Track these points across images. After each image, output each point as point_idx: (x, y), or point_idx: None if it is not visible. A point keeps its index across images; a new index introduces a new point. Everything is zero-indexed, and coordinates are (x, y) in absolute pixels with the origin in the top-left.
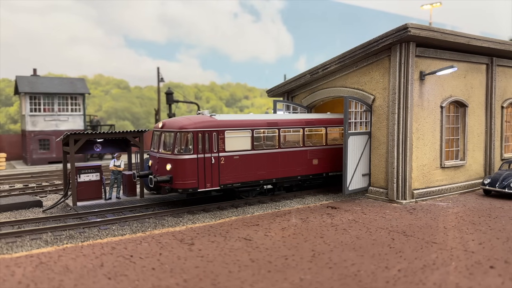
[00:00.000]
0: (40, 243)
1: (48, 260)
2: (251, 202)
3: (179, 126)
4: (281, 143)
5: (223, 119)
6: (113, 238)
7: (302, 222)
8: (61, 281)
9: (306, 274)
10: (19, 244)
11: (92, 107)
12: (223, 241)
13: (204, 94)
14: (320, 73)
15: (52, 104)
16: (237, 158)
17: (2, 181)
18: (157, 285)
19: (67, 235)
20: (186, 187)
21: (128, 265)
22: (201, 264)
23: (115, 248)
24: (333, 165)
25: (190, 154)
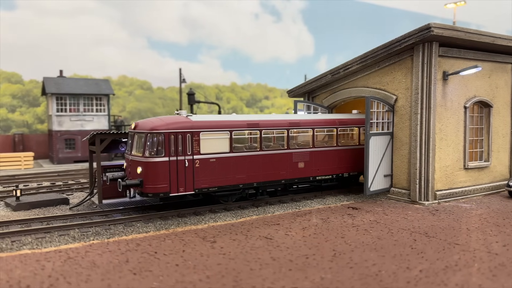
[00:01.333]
0: (68, 239)
1: (75, 256)
2: (272, 201)
3: (150, 127)
4: (263, 145)
5: (198, 120)
6: (138, 235)
7: (323, 222)
8: (89, 275)
9: (327, 273)
10: (48, 239)
11: (116, 107)
12: (244, 239)
13: (224, 95)
14: (341, 73)
15: (77, 104)
16: (214, 161)
17: (30, 179)
18: (181, 280)
19: (93, 231)
20: (156, 192)
21: (153, 261)
22: (223, 261)
23: (140, 244)
24: (322, 168)
25: (161, 156)
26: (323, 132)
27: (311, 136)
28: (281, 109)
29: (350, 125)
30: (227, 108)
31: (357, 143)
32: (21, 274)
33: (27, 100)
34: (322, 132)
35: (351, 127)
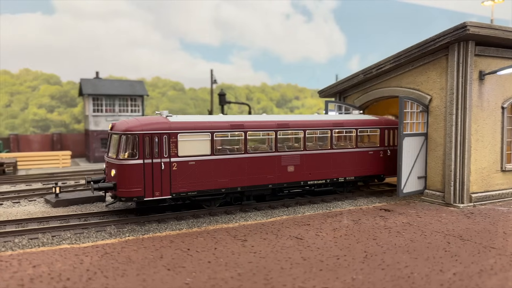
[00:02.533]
0: (104, 235)
1: (112, 251)
2: (302, 202)
3: (124, 128)
4: (248, 147)
5: (177, 121)
6: (171, 232)
7: (354, 224)
8: (125, 270)
9: (358, 274)
10: (86, 235)
11: (149, 108)
12: (275, 239)
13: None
14: (374, 73)
15: (113, 105)
16: (193, 164)
17: (68, 177)
18: (213, 277)
19: (128, 228)
20: (130, 196)
21: (186, 258)
22: (254, 259)
23: (173, 241)
24: (315, 173)
25: (135, 159)
26: (316, 134)
27: (302, 139)
28: (312, 109)
29: (346, 127)
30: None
31: (355, 146)
32: (61, 268)
33: (64, 101)
34: (314, 134)
35: (348, 129)
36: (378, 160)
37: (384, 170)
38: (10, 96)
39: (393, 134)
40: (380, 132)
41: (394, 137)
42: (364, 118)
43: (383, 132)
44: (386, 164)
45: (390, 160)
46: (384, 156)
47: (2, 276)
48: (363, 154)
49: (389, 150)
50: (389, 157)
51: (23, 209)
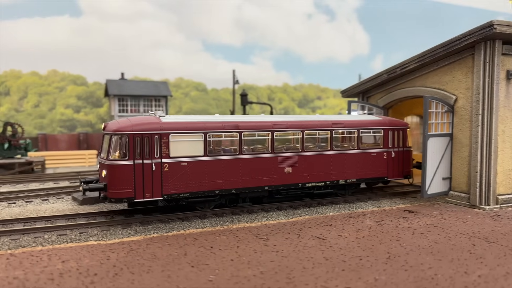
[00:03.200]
0: (130, 232)
1: (137, 248)
2: (324, 202)
3: (114, 129)
4: (243, 148)
5: (169, 121)
6: (195, 230)
7: (377, 225)
8: (150, 267)
9: (381, 275)
10: (112, 232)
11: (173, 108)
12: (297, 238)
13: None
14: (398, 73)
15: (138, 105)
16: (185, 165)
17: (94, 176)
18: (236, 275)
19: (153, 226)
20: (120, 197)
21: (209, 255)
22: (276, 258)
23: (197, 239)
24: (313, 175)
25: (125, 159)
26: (314, 135)
27: (300, 140)
28: (334, 109)
29: (347, 128)
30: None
31: (356, 147)
32: (89, 263)
33: (91, 101)
34: (313, 135)
35: (349, 130)
36: (381, 162)
37: (387, 172)
38: (39, 96)
39: (398, 135)
40: (384, 133)
41: (398, 138)
42: (367, 118)
43: (387, 133)
44: (390, 167)
45: (394, 162)
46: (388, 158)
47: (33, 270)
48: (365, 155)
49: (393, 152)
50: (393, 159)
51: (52, 206)
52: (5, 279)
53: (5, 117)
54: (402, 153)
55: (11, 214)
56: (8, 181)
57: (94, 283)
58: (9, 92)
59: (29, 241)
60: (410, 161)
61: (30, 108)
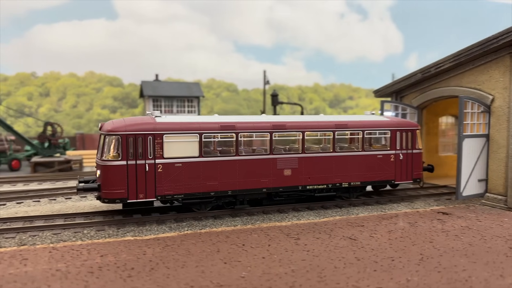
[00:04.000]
0: (165, 229)
1: (172, 244)
2: (356, 203)
3: (108, 129)
4: (239, 149)
5: (163, 121)
6: (227, 228)
7: (410, 226)
8: (184, 262)
9: (413, 276)
10: (148, 228)
11: (205, 108)
12: (328, 238)
13: (307, 96)
14: (432, 72)
15: (171, 106)
16: (180, 166)
17: None
18: (267, 272)
19: (187, 223)
20: (112, 197)
21: (241, 253)
22: (307, 257)
23: (229, 237)
24: (315, 177)
25: (118, 160)
26: (316, 136)
27: (301, 141)
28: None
29: (351, 129)
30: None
31: (361, 149)
32: (126, 258)
33: (126, 102)
34: (314, 136)
35: (353, 131)
36: (388, 164)
37: (395, 175)
38: (77, 97)
39: (407, 136)
40: (391, 135)
41: (407, 140)
42: (373, 119)
43: (395, 134)
44: (398, 169)
45: (402, 165)
46: (395, 160)
47: (74, 263)
48: (371, 158)
49: (401, 154)
50: (401, 162)
51: (90, 203)
52: (49, 271)
53: (45, 117)
54: (411, 156)
55: (52, 210)
56: (49, 179)
57: (131, 277)
58: (49, 93)
59: (70, 236)
60: (420, 163)
61: (69, 108)
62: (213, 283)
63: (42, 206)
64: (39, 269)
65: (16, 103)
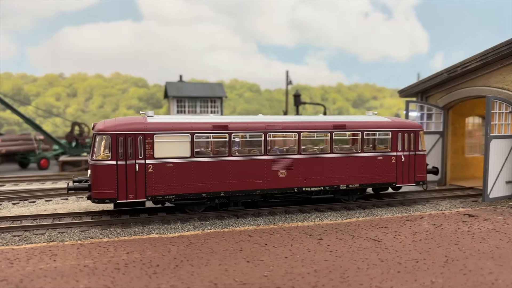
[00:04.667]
0: (189, 227)
1: (196, 242)
2: (379, 204)
3: (98, 128)
4: (232, 150)
5: (154, 121)
6: (249, 227)
7: (435, 228)
8: (208, 260)
9: (437, 278)
10: (172, 226)
11: (227, 109)
12: (351, 239)
13: (330, 96)
14: (458, 72)
15: (195, 106)
16: (171, 167)
17: None
18: (290, 272)
19: (210, 221)
20: (102, 197)
21: (264, 252)
22: (330, 258)
23: (251, 236)
24: (311, 179)
25: (108, 160)
26: (313, 136)
27: (296, 141)
28: (391, 110)
29: (349, 129)
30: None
31: (360, 150)
32: (151, 255)
33: (151, 102)
34: (311, 137)
35: (351, 132)
36: (389, 166)
37: (396, 178)
38: (103, 98)
39: (409, 137)
40: (392, 136)
41: (410, 141)
42: (373, 119)
43: (396, 135)
44: (399, 172)
45: (404, 167)
46: (397, 162)
47: (101, 259)
48: (371, 159)
49: (403, 156)
50: (403, 164)
51: None
52: (77, 266)
53: (73, 117)
54: (413, 157)
55: (79, 208)
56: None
57: (156, 273)
58: (76, 94)
59: (97, 233)
60: (423, 166)
61: (95, 108)
62: (236, 281)
63: (70, 204)
64: (67, 264)
65: (45, 104)
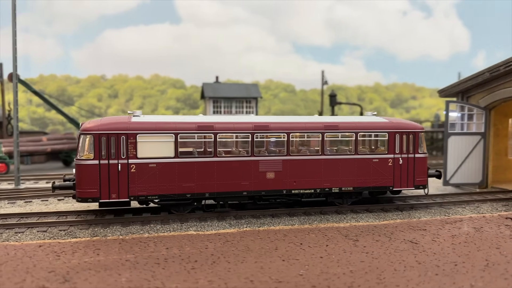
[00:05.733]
0: (225, 225)
1: (232, 239)
2: (417, 206)
3: (83, 128)
4: (218, 150)
5: (137, 121)
6: (284, 227)
7: (475, 231)
8: (244, 257)
9: (477, 282)
10: (209, 224)
11: (262, 109)
12: (388, 241)
13: (367, 96)
14: (501, 71)
15: (230, 107)
16: (154, 167)
17: None
18: (325, 271)
19: (246, 220)
20: (85, 196)
21: (299, 251)
22: (366, 259)
23: (287, 235)
24: (301, 181)
25: (91, 159)
26: (303, 137)
27: (286, 142)
28: (431, 110)
29: (342, 130)
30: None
31: (354, 152)
32: (189, 251)
33: (188, 103)
34: (300, 138)
35: (344, 133)
36: (385, 169)
37: (393, 181)
38: (143, 99)
39: (408, 139)
40: (389, 137)
41: (408, 143)
42: (368, 120)
43: (393, 137)
44: (397, 175)
45: (402, 170)
46: (394, 165)
47: (142, 254)
48: (365, 162)
49: (401, 159)
50: (401, 167)
51: None
52: (119, 260)
53: None
54: (413, 160)
55: None
56: None
57: (195, 269)
58: (117, 95)
59: (138, 229)
60: (424, 169)
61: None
62: (271, 279)
63: None
64: (110, 258)
65: (87, 104)
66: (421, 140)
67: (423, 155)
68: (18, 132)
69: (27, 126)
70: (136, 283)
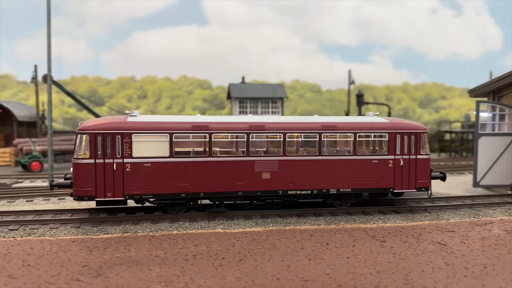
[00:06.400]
0: (251, 223)
1: (258, 238)
2: (446, 207)
3: (80, 127)
4: (213, 150)
5: (132, 121)
6: (310, 227)
7: (507, 234)
8: (271, 256)
9: (507, 285)
10: (236, 222)
11: (288, 109)
12: (416, 242)
13: (395, 95)
14: None
15: (256, 107)
16: (149, 166)
17: None
18: (352, 271)
19: (272, 219)
20: (81, 195)
21: (325, 251)
22: (393, 260)
23: (313, 235)
24: (298, 181)
25: (87, 158)
26: (300, 138)
27: (282, 143)
28: (461, 110)
29: (340, 131)
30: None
31: (352, 153)
32: (217, 248)
33: (215, 104)
34: (297, 138)
35: (342, 133)
36: (385, 171)
37: (394, 183)
38: (171, 99)
39: (409, 140)
40: (389, 138)
41: (410, 144)
42: (367, 120)
43: (394, 137)
44: (398, 176)
45: (403, 172)
46: (395, 166)
47: (171, 250)
48: (364, 163)
49: (402, 160)
50: (402, 168)
51: None
52: (149, 256)
53: None
54: (414, 162)
55: None
56: None
57: (222, 265)
58: (146, 96)
59: (167, 226)
60: (426, 171)
61: (164, 109)
62: (298, 277)
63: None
64: (140, 254)
65: (118, 105)
66: (423, 141)
67: (426, 156)
68: (52, 131)
69: (59, 125)
70: (166, 278)
